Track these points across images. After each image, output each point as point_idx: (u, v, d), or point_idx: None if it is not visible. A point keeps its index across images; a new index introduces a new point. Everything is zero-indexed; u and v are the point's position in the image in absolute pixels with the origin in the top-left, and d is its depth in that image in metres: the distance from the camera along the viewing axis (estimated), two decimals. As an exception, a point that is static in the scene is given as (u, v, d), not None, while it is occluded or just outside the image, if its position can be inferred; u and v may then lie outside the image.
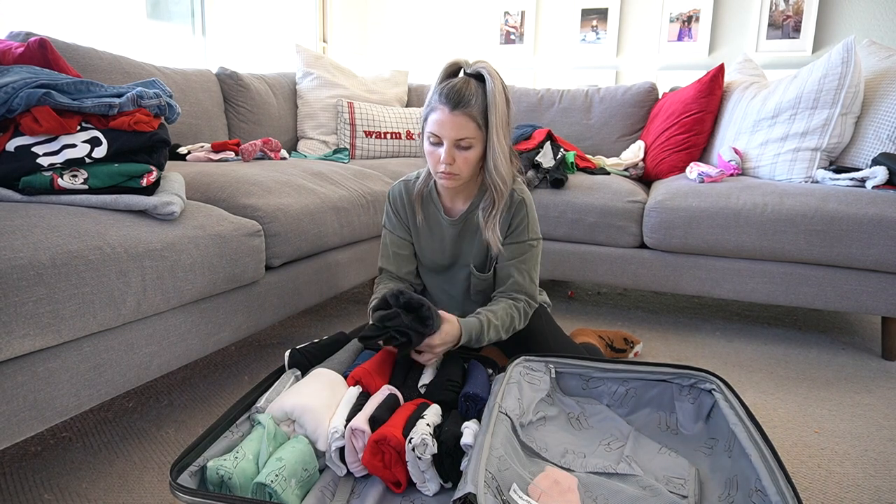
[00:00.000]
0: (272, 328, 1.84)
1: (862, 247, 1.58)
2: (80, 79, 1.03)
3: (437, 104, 1.11)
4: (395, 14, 3.88)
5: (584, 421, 1.10)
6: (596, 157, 2.37)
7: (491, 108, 1.12)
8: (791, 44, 3.03)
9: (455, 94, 1.10)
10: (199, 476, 0.85)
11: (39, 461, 1.08)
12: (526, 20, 3.55)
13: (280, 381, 1.06)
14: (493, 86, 1.12)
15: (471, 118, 1.11)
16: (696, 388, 1.10)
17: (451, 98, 1.10)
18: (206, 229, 1.14)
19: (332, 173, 1.74)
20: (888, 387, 1.50)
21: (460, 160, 1.14)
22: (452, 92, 1.10)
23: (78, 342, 0.91)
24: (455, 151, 1.13)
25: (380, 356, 1.12)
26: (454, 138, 1.12)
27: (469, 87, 1.12)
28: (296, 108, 2.55)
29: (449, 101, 1.10)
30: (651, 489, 0.88)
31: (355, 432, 0.91)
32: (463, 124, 1.11)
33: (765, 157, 1.92)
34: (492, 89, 1.12)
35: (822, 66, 1.81)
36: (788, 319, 2.06)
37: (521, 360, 1.15)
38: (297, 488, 0.85)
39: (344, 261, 1.66)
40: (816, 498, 1.02)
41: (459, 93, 1.10)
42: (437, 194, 1.28)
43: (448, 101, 1.10)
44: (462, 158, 1.14)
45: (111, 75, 1.72)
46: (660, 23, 3.27)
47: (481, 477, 0.76)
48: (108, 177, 1.02)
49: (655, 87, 2.52)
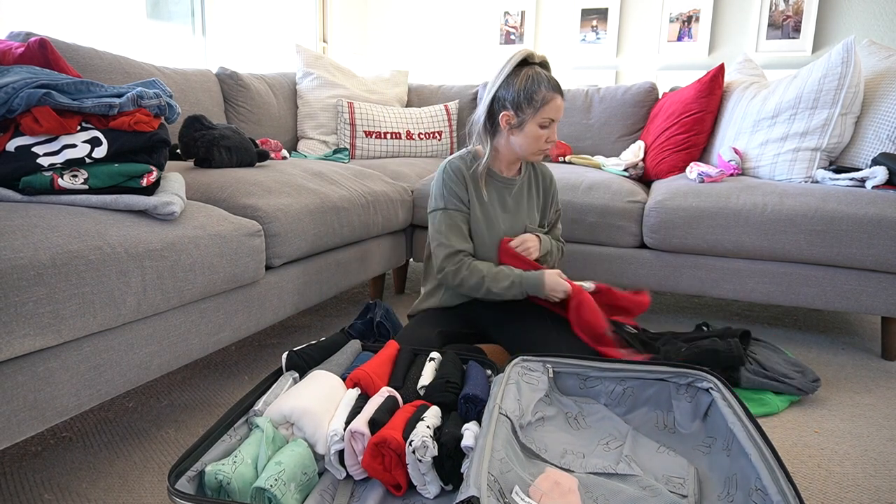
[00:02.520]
0: (272, 328, 1.84)
1: (862, 247, 1.58)
2: (81, 79, 1.03)
3: (551, 92, 1.33)
4: (395, 14, 3.88)
5: (582, 420, 1.10)
6: (596, 157, 2.37)
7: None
8: (791, 44, 3.03)
9: (559, 85, 1.36)
10: (198, 481, 0.85)
11: (39, 461, 1.08)
12: (526, 20, 3.55)
13: (278, 384, 1.06)
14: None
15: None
16: (694, 386, 1.10)
17: (559, 88, 1.35)
18: (206, 229, 1.14)
19: (332, 173, 1.74)
20: (888, 387, 1.50)
21: (555, 135, 1.41)
22: (557, 83, 1.35)
23: (78, 342, 0.91)
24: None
25: (379, 358, 1.12)
26: (559, 119, 1.39)
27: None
28: (296, 108, 2.55)
29: (559, 90, 1.35)
30: (651, 489, 0.88)
31: (355, 435, 0.90)
32: (563, 108, 1.39)
33: (765, 157, 1.92)
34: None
35: (822, 66, 1.81)
36: (788, 319, 2.06)
37: (518, 360, 1.15)
38: (296, 492, 0.85)
39: (344, 261, 1.66)
40: (816, 498, 1.03)
41: (559, 83, 1.36)
42: (494, 171, 1.47)
43: (559, 90, 1.35)
44: (555, 134, 1.41)
45: (111, 75, 1.72)
46: (660, 23, 3.27)
47: (484, 479, 0.76)
48: (108, 177, 1.02)
49: (655, 87, 2.52)
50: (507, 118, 1.36)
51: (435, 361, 1.15)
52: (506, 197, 1.46)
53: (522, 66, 1.35)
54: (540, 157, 1.42)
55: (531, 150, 1.39)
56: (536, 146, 1.38)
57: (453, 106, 2.73)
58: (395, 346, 1.19)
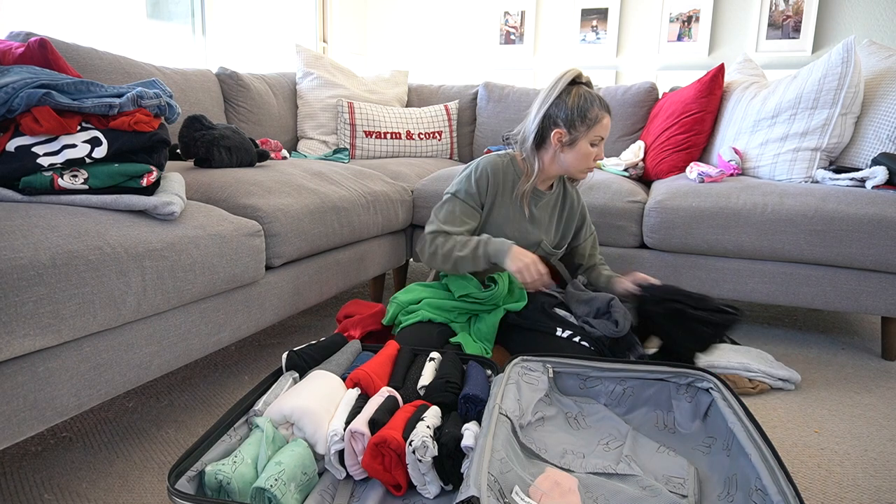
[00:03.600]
0: (272, 328, 1.84)
1: (862, 247, 1.58)
2: (81, 79, 1.03)
3: (602, 112, 1.38)
4: (395, 14, 3.88)
5: (582, 420, 1.10)
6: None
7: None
8: (791, 44, 3.03)
9: (608, 105, 1.40)
10: (198, 481, 0.85)
11: (39, 461, 1.08)
12: (526, 20, 3.55)
13: (278, 384, 1.06)
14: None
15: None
16: (694, 386, 1.10)
17: (608, 107, 1.40)
18: (206, 229, 1.14)
19: (332, 173, 1.74)
20: (888, 387, 1.50)
21: (602, 153, 1.45)
22: (606, 104, 1.40)
23: (78, 342, 0.91)
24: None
25: (379, 358, 1.12)
26: (607, 137, 1.45)
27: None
28: (296, 108, 2.55)
29: (608, 110, 1.39)
30: (651, 489, 0.88)
31: (355, 435, 0.90)
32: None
33: (765, 157, 1.92)
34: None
35: (822, 66, 1.81)
36: (788, 319, 2.06)
37: (518, 360, 1.15)
38: (296, 492, 0.85)
39: (344, 261, 1.66)
40: (816, 498, 1.03)
41: (608, 103, 1.41)
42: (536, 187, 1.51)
43: (608, 110, 1.39)
44: (602, 153, 1.45)
45: (111, 75, 1.72)
46: (660, 23, 3.27)
47: (484, 479, 0.76)
48: (108, 177, 1.02)
49: (655, 87, 2.52)
50: (560, 136, 1.38)
51: (435, 361, 1.15)
52: (532, 207, 1.48)
53: (572, 86, 1.39)
54: (586, 174, 1.47)
55: (580, 167, 1.42)
56: (585, 163, 1.41)
57: (453, 106, 2.73)
58: (395, 346, 1.19)
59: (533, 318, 1.35)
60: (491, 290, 1.34)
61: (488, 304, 1.36)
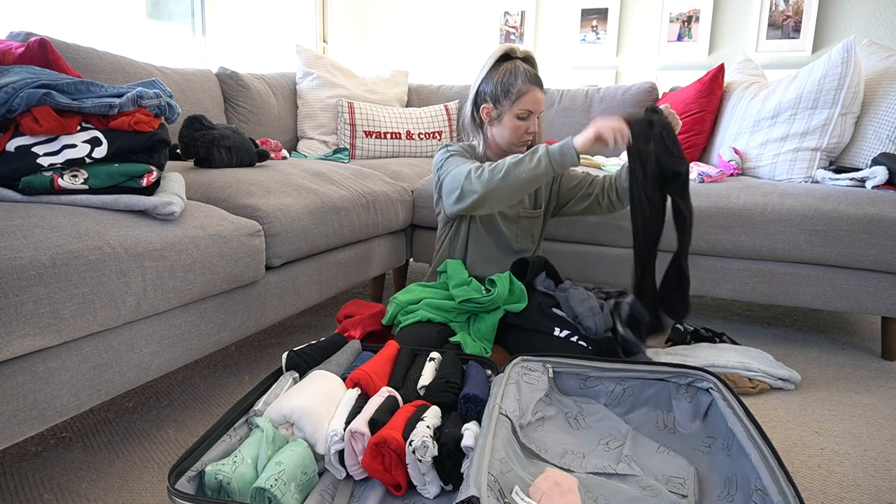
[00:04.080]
0: (272, 328, 1.84)
1: (862, 247, 1.58)
2: (80, 79, 1.03)
3: (529, 86, 1.38)
4: (395, 14, 3.88)
5: (582, 420, 1.10)
6: (596, 158, 2.37)
7: (542, 85, 1.44)
8: (791, 44, 3.03)
9: (537, 78, 1.40)
10: (198, 481, 0.85)
11: (39, 461, 1.08)
12: (526, 20, 3.55)
13: (278, 384, 1.06)
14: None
15: (544, 94, 1.44)
16: (694, 386, 1.10)
17: (538, 81, 1.40)
18: (206, 229, 1.14)
19: (332, 173, 1.74)
20: (888, 387, 1.50)
21: (535, 126, 1.45)
22: (535, 76, 1.40)
23: (78, 342, 0.91)
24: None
25: (379, 358, 1.12)
26: (539, 111, 1.43)
27: (536, 69, 1.44)
28: (296, 108, 2.55)
29: (538, 83, 1.40)
30: (651, 489, 0.88)
31: (355, 435, 0.90)
32: (543, 99, 1.43)
33: (765, 157, 1.92)
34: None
35: (822, 67, 1.81)
36: (788, 319, 2.06)
37: (518, 360, 1.15)
38: (296, 492, 0.85)
39: (344, 261, 1.66)
40: (816, 498, 1.03)
41: (538, 76, 1.41)
42: (488, 158, 1.53)
43: (538, 83, 1.39)
44: (535, 126, 1.45)
45: (111, 75, 1.72)
46: (660, 23, 3.27)
47: (484, 479, 0.76)
48: (108, 177, 1.02)
49: (655, 87, 2.52)
50: (487, 110, 1.43)
51: (435, 361, 1.15)
52: None
53: (504, 61, 1.42)
54: (520, 148, 1.46)
55: (511, 141, 1.44)
56: (516, 136, 1.43)
57: (453, 106, 2.73)
58: (395, 346, 1.19)
59: (531, 317, 1.35)
60: (491, 295, 1.34)
61: (489, 306, 1.36)
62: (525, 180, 1.27)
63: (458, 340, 1.30)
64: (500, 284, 1.35)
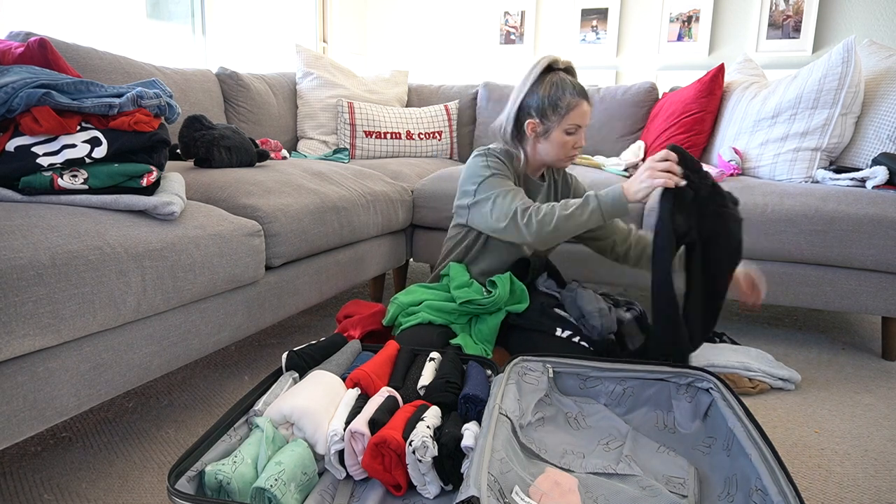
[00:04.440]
0: (272, 328, 1.84)
1: (862, 247, 1.58)
2: (80, 79, 1.03)
3: (577, 98, 1.34)
4: (395, 14, 3.88)
5: (582, 421, 1.10)
6: (596, 157, 2.37)
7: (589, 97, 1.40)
8: (791, 44, 3.03)
9: (584, 90, 1.36)
10: (198, 481, 0.85)
11: (39, 461, 1.08)
12: (526, 20, 3.55)
13: (278, 384, 1.06)
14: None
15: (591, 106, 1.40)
16: (694, 386, 1.10)
17: (585, 93, 1.35)
18: (206, 229, 1.14)
19: (332, 173, 1.74)
20: (888, 387, 1.50)
21: (583, 140, 1.40)
22: (582, 88, 1.35)
23: (78, 342, 0.91)
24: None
25: (379, 358, 1.12)
26: (587, 125, 1.39)
27: (578, 81, 1.39)
28: (296, 108, 2.55)
29: (585, 96, 1.35)
30: (651, 489, 0.88)
31: (355, 435, 0.90)
32: (591, 113, 1.42)
33: (765, 157, 1.92)
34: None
35: (823, 66, 1.81)
36: (788, 319, 2.06)
37: (518, 360, 1.15)
38: (296, 492, 0.85)
39: (344, 261, 1.66)
40: (816, 498, 1.02)
41: (584, 88, 1.36)
42: (526, 176, 1.49)
43: (584, 96, 1.35)
44: (583, 140, 1.40)
45: (111, 75, 1.72)
46: (660, 23, 3.27)
47: (484, 479, 0.76)
48: (108, 177, 1.02)
49: (655, 87, 2.52)
50: (533, 126, 1.36)
51: (435, 361, 1.15)
52: (535, 199, 1.48)
53: (547, 73, 1.36)
54: (567, 163, 1.43)
55: (558, 157, 1.40)
56: (564, 153, 1.38)
57: (453, 106, 2.73)
58: (395, 346, 1.19)
59: (532, 317, 1.35)
60: (492, 296, 1.34)
61: (490, 307, 1.36)
62: (573, 232, 1.28)
63: (459, 342, 1.30)
64: (501, 286, 1.35)
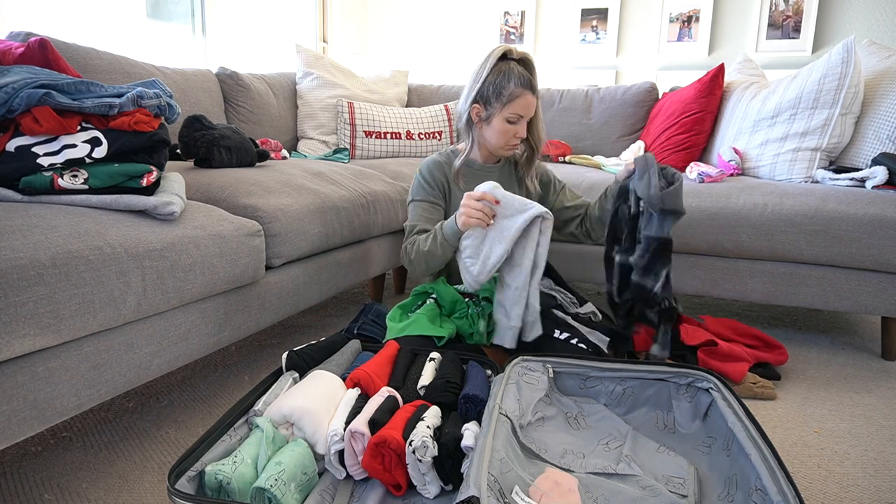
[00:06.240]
0: (272, 328, 1.84)
1: (862, 247, 1.58)
2: (80, 79, 1.03)
3: (520, 89, 1.35)
4: (395, 14, 3.88)
5: (582, 421, 1.10)
6: (596, 157, 2.37)
7: (536, 89, 1.40)
8: (791, 44, 3.03)
9: (530, 82, 1.36)
10: (198, 481, 0.85)
11: (39, 461, 1.08)
12: (526, 20, 3.55)
13: (278, 384, 1.06)
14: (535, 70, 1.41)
15: (537, 98, 1.41)
16: (694, 386, 1.10)
17: (530, 85, 1.36)
18: (206, 229, 1.14)
19: (332, 173, 1.74)
20: (888, 387, 1.50)
21: (524, 131, 1.42)
22: (529, 80, 1.36)
23: (78, 342, 0.91)
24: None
25: (379, 358, 1.12)
26: (530, 116, 1.40)
27: (531, 73, 1.39)
28: (296, 108, 2.55)
29: (530, 87, 1.36)
30: (651, 489, 0.88)
31: (355, 435, 0.90)
32: (535, 104, 1.40)
33: (765, 157, 1.92)
34: (535, 75, 1.40)
35: (822, 66, 1.81)
36: (788, 319, 2.06)
37: (518, 360, 1.15)
38: (296, 492, 0.85)
39: (344, 261, 1.66)
40: (816, 498, 1.03)
41: (532, 80, 1.37)
42: (472, 160, 1.51)
43: (530, 88, 1.36)
44: (524, 131, 1.42)
45: (111, 75, 1.72)
46: (660, 23, 3.27)
47: (484, 479, 0.76)
48: (108, 177, 1.02)
49: (655, 87, 2.52)
50: (477, 111, 1.41)
51: (435, 361, 1.15)
52: (473, 183, 1.44)
53: (500, 61, 1.38)
54: (508, 152, 1.46)
55: (498, 144, 1.42)
56: (503, 140, 1.41)
57: (453, 106, 2.73)
58: (395, 346, 1.19)
59: None
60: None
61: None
62: (439, 258, 1.34)
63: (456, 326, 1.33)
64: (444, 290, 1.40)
